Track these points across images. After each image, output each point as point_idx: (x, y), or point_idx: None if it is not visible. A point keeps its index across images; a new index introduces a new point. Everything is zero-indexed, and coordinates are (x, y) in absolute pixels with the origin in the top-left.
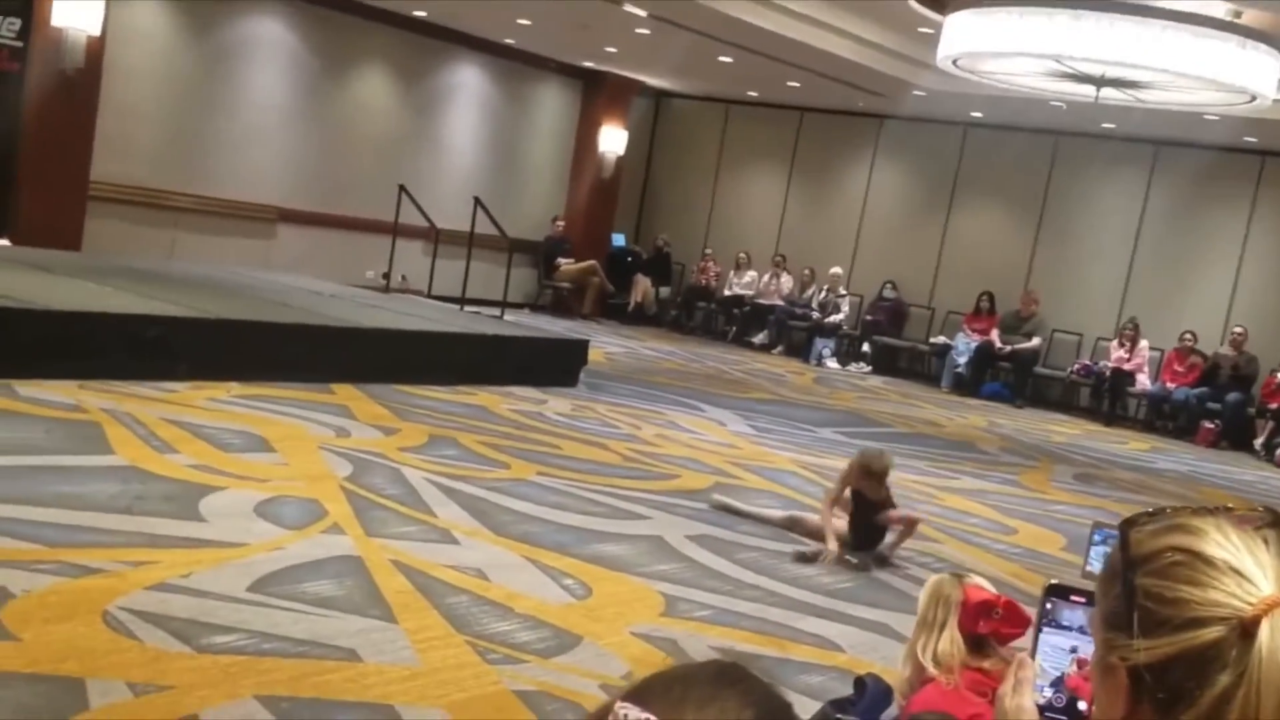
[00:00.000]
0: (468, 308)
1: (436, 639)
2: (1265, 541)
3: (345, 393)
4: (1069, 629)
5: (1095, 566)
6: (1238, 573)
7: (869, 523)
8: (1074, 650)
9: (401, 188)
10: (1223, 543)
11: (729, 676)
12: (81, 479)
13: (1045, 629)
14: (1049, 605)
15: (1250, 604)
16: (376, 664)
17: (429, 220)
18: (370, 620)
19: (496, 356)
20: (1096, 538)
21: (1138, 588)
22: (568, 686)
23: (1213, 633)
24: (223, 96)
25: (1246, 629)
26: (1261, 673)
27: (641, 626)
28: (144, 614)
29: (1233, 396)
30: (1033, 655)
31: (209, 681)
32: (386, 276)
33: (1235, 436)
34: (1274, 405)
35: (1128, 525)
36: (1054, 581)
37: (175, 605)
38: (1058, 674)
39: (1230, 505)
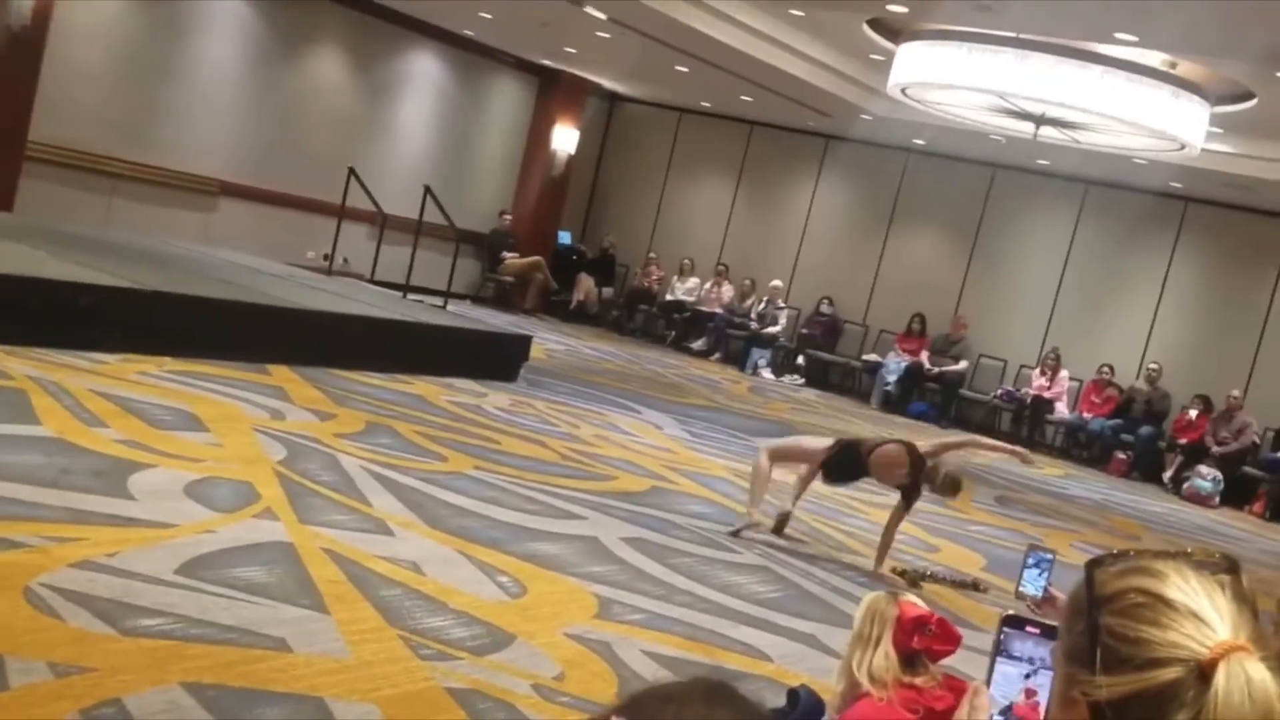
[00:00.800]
0: (410, 295)
1: (368, 632)
2: (1222, 586)
3: (281, 374)
4: (1020, 659)
5: (1027, 588)
6: (1197, 616)
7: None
8: (1028, 677)
9: (351, 170)
10: (1183, 586)
11: (719, 695)
12: (4, 448)
13: (1000, 659)
14: (1004, 635)
15: (1208, 647)
16: (306, 655)
17: (376, 205)
18: (301, 609)
19: (437, 346)
20: (1030, 560)
21: (1101, 626)
22: (500, 685)
23: (1171, 673)
24: (172, 64)
25: (1204, 671)
26: (1218, 714)
27: (575, 627)
28: (68, 592)
29: (1145, 430)
30: (987, 684)
31: (133, 665)
32: (329, 258)
33: (1146, 468)
34: (1183, 440)
35: (1094, 565)
36: (1010, 613)
37: (100, 585)
38: (1006, 703)
39: (1190, 550)
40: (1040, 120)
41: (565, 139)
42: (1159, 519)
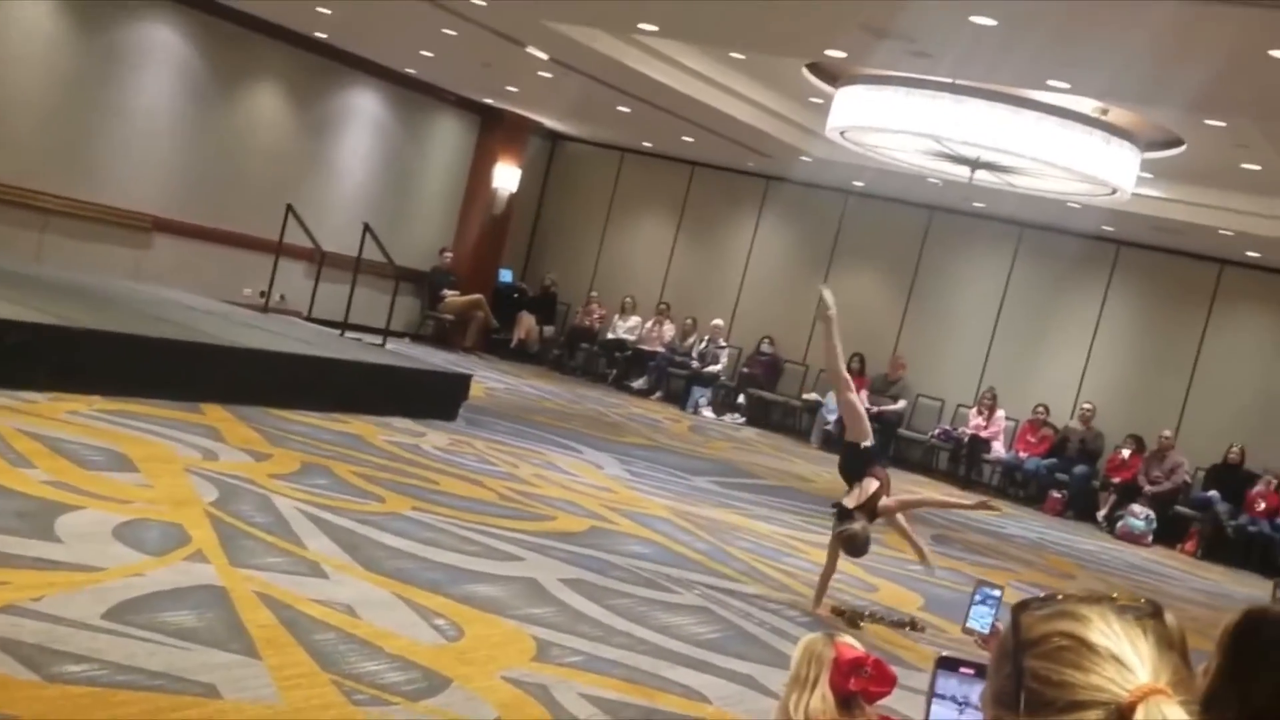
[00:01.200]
0: (348, 333)
1: (301, 677)
2: (1144, 631)
3: (215, 413)
4: (955, 700)
5: (974, 624)
6: (1118, 660)
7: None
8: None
9: (289, 207)
10: (1106, 631)
11: None
12: None
13: (936, 699)
14: (938, 676)
15: (1128, 690)
16: (235, 701)
17: (314, 241)
18: (231, 655)
19: (375, 385)
20: (977, 597)
21: (1026, 669)
22: None
23: (1092, 715)
24: (106, 98)
25: (1123, 714)
26: None
27: (513, 671)
28: None
29: (1079, 469)
30: None
31: (58, 713)
32: (265, 295)
33: (1080, 507)
34: (1117, 480)
35: (1020, 609)
36: (945, 654)
37: (25, 630)
38: None
39: (1115, 595)
40: (976, 164)
41: (507, 177)
42: (1093, 558)
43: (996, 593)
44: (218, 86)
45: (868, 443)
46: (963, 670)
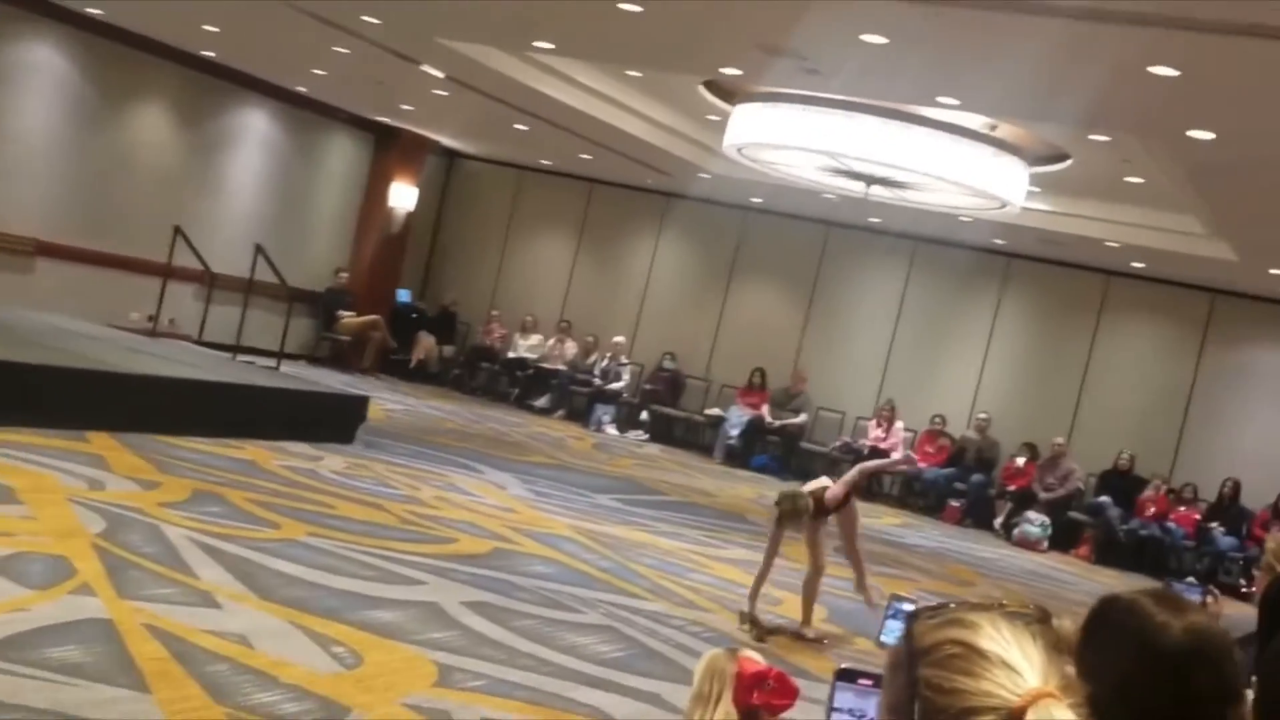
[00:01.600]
0: (241, 356)
1: (193, 710)
2: (1034, 636)
3: (101, 442)
4: (854, 713)
5: (888, 638)
6: (1008, 665)
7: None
8: None
9: (177, 228)
10: (995, 637)
11: None
12: None
13: (834, 712)
14: (838, 689)
15: (1018, 695)
16: None
17: (204, 263)
18: (120, 689)
19: (269, 409)
20: (890, 610)
21: (920, 678)
22: None
23: None
24: None
25: (1014, 719)
26: None
27: (414, 697)
28: None
29: (976, 478)
30: None
31: None
32: (154, 319)
33: (978, 515)
34: (1012, 487)
35: (912, 619)
36: (844, 665)
37: None
38: None
39: (1004, 601)
40: (870, 180)
41: (403, 196)
42: (991, 564)
43: (910, 606)
44: (102, 107)
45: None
46: (861, 682)
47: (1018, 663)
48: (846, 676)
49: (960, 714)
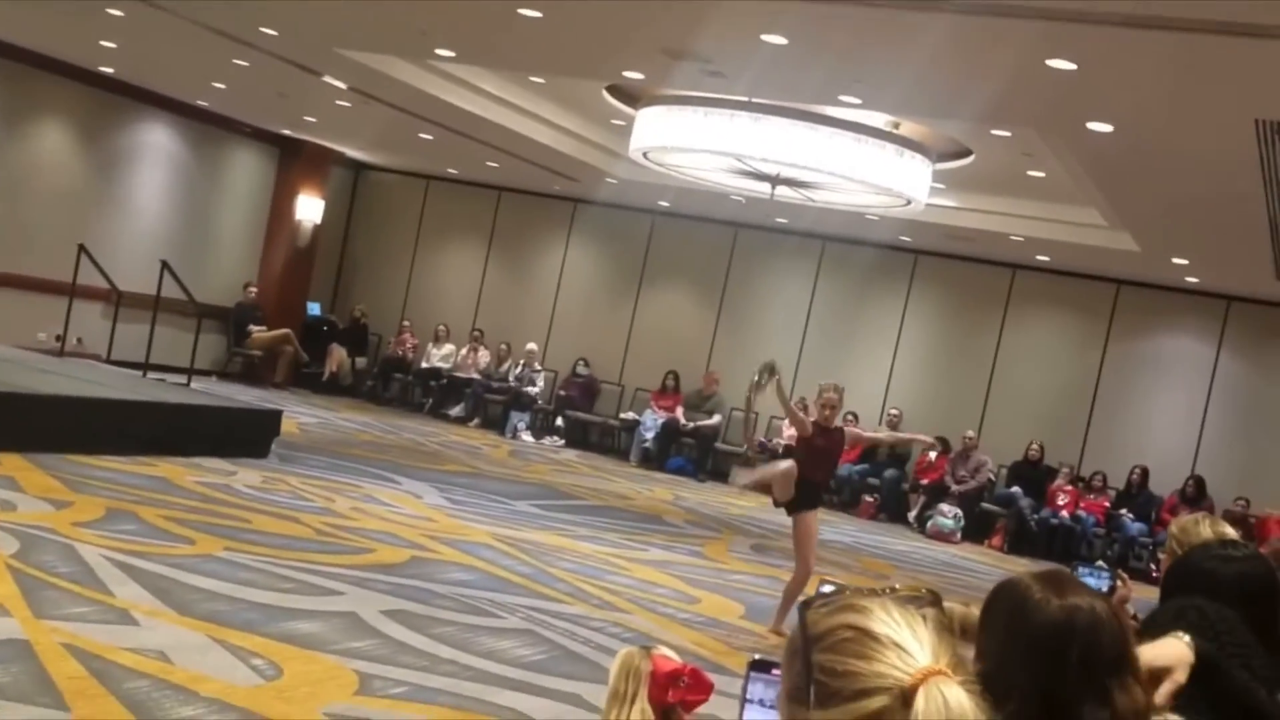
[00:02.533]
0: (151, 374)
1: None
2: (924, 618)
3: (11, 463)
4: (760, 703)
5: None
6: (899, 647)
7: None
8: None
9: (81, 247)
10: (886, 620)
11: None
12: None
13: (749, 705)
14: (752, 680)
15: (909, 674)
16: None
17: (110, 281)
18: (39, 709)
19: (181, 426)
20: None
21: (814, 663)
22: None
23: (878, 701)
24: None
25: (906, 697)
26: None
27: (335, 706)
28: None
29: (889, 472)
30: None
31: None
32: (60, 339)
33: (892, 510)
34: (925, 481)
35: (805, 607)
36: (757, 657)
37: None
38: None
39: (897, 586)
40: (776, 180)
41: (310, 209)
42: (906, 557)
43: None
44: (0, 125)
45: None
46: (774, 672)
47: (908, 643)
48: (759, 667)
49: (854, 695)
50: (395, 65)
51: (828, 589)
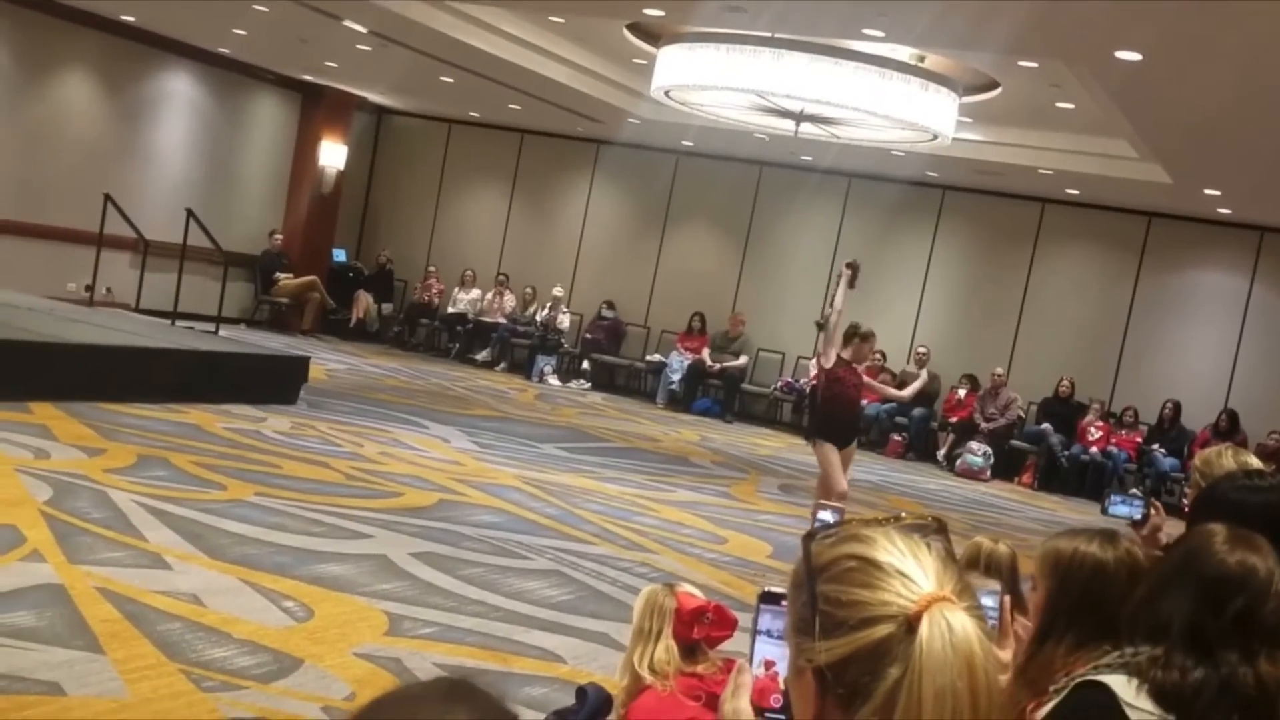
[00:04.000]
0: (179, 323)
1: (147, 668)
2: (929, 545)
3: (44, 412)
4: (768, 634)
5: None
6: (903, 575)
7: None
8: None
9: (107, 197)
10: (890, 549)
11: (458, 693)
12: None
13: (760, 636)
14: (763, 612)
15: (914, 601)
16: (81, 697)
17: (137, 231)
18: (74, 651)
19: (211, 373)
20: (817, 524)
21: (819, 594)
22: (289, 711)
23: (882, 630)
24: None
25: (911, 624)
26: (923, 662)
27: (365, 647)
28: None
29: (918, 411)
30: (751, 661)
31: None
32: (90, 289)
33: (921, 448)
34: (954, 419)
35: (808, 538)
36: (767, 589)
37: None
38: None
39: (902, 515)
40: (800, 117)
41: (333, 155)
42: (934, 495)
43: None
44: (24, 77)
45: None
46: (784, 604)
47: (912, 571)
48: (770, 599)
49: (859, 624)
50: (414, 7)
51: (826, 515)
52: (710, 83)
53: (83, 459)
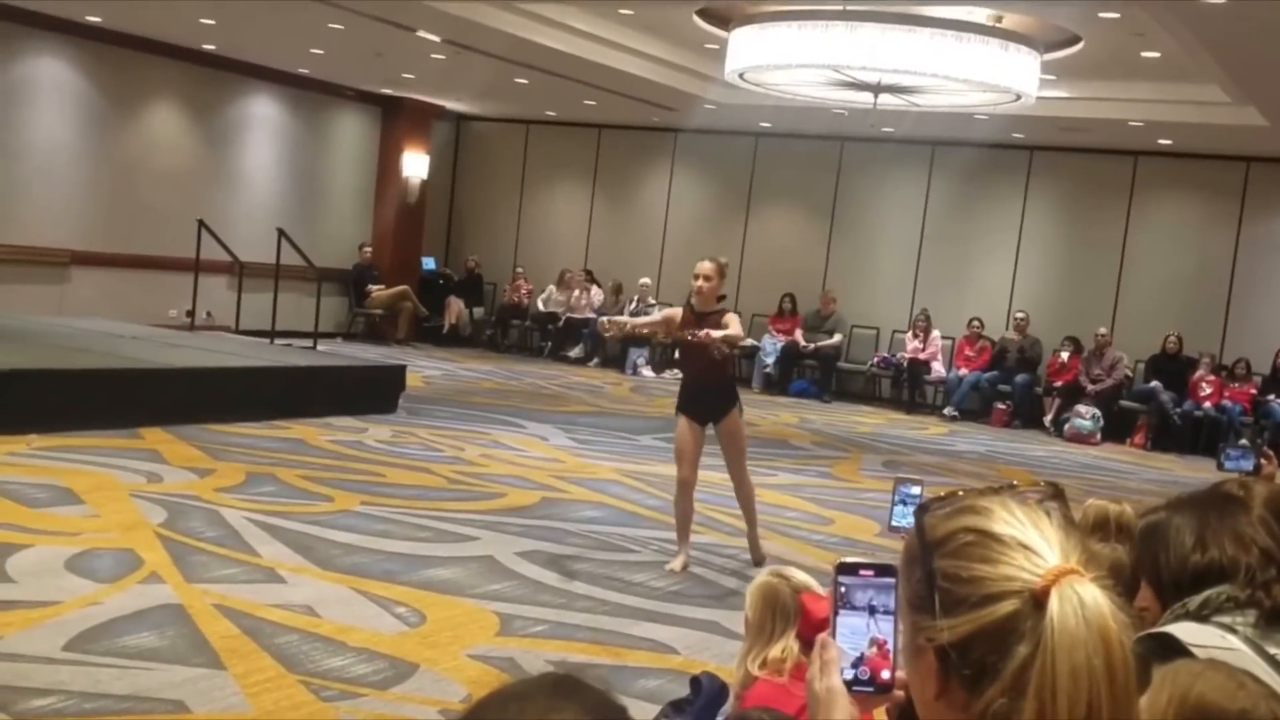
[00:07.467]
0: (278, 340)
1: (268, 681)
2: (1048, 514)
3: (154, 436)
4: (860, 608)
5: (899, 522)
6: (1025, 547)
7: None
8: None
9: (200, 223)
10: (1009, 520)
11: (565, 688)
12: None
13: (841, 610)
14: (842, 586)
15: (1039, 575)
16: (206, 713)
17: (231, 254)
18: (196, 669)
19: (311, 388)
20: (897, 496)
21: (936, 570)
22: (407, 715)
23: (1007, 606)
24: (4, 140)
25: (1038, 600)
26: (1055, 640)
27: (478, 648)
28: None
29: (1021, 378)
30: (832, 636)
31: None
32: (190, 314)
33: (1026, 415)
34: (1059, 383)
35: (922, 511)
36: (843, 560)
37: None
38: (857, 654)
39: (1015, 483)
40: (878, 88)
41: (416, 165)
42: (1044, 462)
43: (916, 490)
44: (113, 112)
45: None
46: (863, 573)
47: (1035, 543)
48: (846, 569)
49: (982, 601)
50: (483, 10)
51: (914, 489)
52: (784, 61)
53: (194, 480)
